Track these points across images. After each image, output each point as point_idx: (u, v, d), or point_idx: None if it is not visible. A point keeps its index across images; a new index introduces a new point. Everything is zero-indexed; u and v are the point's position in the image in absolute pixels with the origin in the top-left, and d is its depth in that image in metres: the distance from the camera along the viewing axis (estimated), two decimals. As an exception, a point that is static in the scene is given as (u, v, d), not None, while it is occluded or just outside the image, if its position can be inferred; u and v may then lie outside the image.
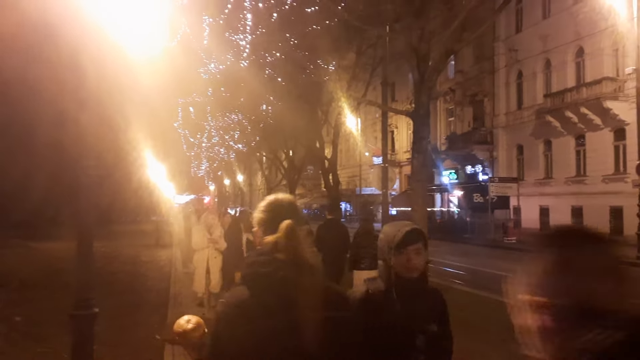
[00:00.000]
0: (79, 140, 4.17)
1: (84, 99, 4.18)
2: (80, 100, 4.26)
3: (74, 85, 4.86)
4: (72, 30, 4.99)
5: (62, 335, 7.26)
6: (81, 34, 4.71)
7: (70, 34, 5.23)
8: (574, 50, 28.11)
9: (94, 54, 4.49)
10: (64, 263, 14.84)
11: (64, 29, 6.59)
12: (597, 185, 26.30)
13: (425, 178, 11.67)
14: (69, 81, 7.49)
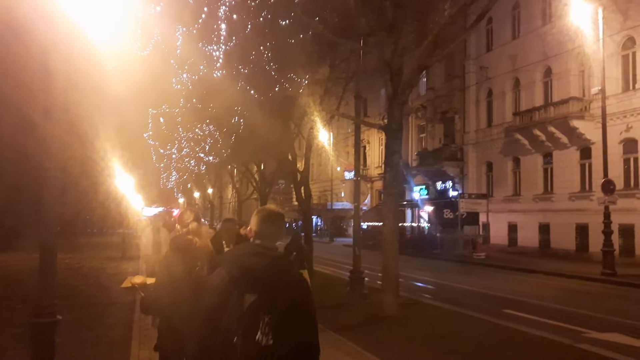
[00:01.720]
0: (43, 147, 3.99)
1: (51, 105, 4.00)
2: (47, 106, 4.08)
3: (41, 90, 4.69)
4: (42, 30, 4.82)
5: (20, 349, 6.96)
6: (51, 35, 4.55)
7: (40, 34, 5.06)
8: (542, 70, 28.79)
9: (63, 57, 4.33)
10: (24, 275, 14.37)
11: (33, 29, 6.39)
12: (563, 202, 26.80)
13: (396, 192, 11.65)
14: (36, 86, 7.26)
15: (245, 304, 2.53)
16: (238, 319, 2.52)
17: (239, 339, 2.51)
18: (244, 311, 2.52)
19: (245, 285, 2.55)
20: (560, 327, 10.07)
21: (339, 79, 19.41)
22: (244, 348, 2.50)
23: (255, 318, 2.51)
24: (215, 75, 16.35)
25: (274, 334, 2.51)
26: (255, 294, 2.55)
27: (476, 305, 12.48)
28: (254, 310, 2.52)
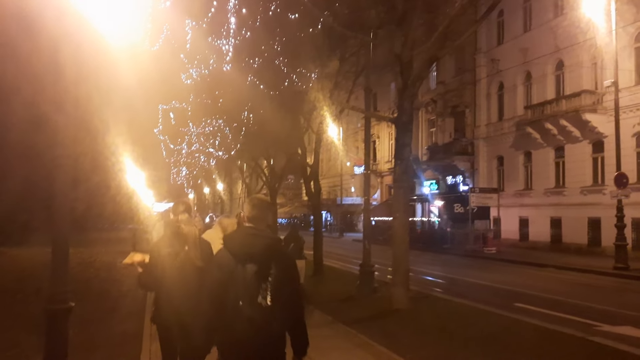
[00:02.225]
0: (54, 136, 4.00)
1: (62, 99, 4.01)
2: (58, 101, 4.09)
3: (51, 84, 4.70)
4: (52, 25, 4.84)
5: (34, 340, 7.02)
6: (61, 30, 4.56)
7: (50, 28, 5.07)
8: (553, 63, 28.52)
9: (73, 52, 4.33)
10: (37, 269, 14.49)
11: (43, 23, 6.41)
12: (575, 196, 26.59)
13: (407, 185, 11.60)
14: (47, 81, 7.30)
15: (248, 274, 3.18)
16: (243, 286, 3.17)
17: (244, 302, 3.15)
18: (248, 279, 3.18)
19: (245, 260, 3.21)
20: (572, 320, 10.01)
21: (348, 73, 19.36)
22: (248, 309, 3.14)
23: (256, 285, 3.17)
24: (225, 69, 16.35)
25: (271, 296, 3.16)
26: (255, 265, 3.20)
27: (487, 299, 12.44)
28: (255, 278, 3.18)
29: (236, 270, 3.20)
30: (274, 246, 3.34)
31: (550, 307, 11.30)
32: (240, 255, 3.23)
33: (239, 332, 3.14)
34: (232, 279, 3.19)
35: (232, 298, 3.17)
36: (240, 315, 3.14)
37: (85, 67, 4.62)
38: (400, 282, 10.63)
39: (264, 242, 3.29)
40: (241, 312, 3.14)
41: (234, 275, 3.19)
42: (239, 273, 3.19)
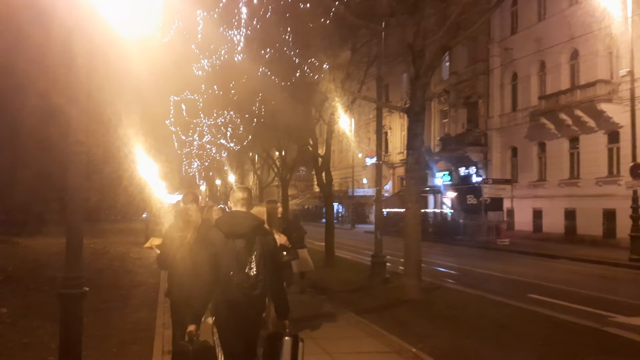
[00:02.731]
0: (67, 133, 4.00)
1: (75, 92, 4.02)
2: (71, 93, 4.09)
3: (63, 76, 4.70)
4: (63, 16, 4.84)
5: (49, 327, 7.12)
6: (73, 21, 4.56)
7: (61, 19, 5.08)
8: (568, 53, 28.16)
9: (85, 43, 4.33)
10: (52, 258, 14.66)
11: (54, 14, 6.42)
12: (590, 187, 26.31)
13: (419, 175, 11.54)
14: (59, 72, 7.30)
15: (237, 249, 3.90)
16: (234, 259, 3.88)
17: (234, 272, 3.87)
18: (237, 253, 3.89)
19: (234, 237, 3.91)
20: (586, 311, 9.92)
21: (360, 63, 19.26)
22: (238, 277, 3.87)
23: (244, 258, 3.91)
24: (236, 60, 16.33)
25: (256, 267, 3.91)
26: (243, 241, 3.91)
27: (500, 290, 12.37)
28: (244, 252, 3.91)
29: (227, 246, 3.89)
30: (258, 226, 4.09)
31: (563, 298, 11.21)
32: (231, 233, 3.92)
33: (230, 295, 3.87)
34: (224, 252, 3.88)
35: (224, 268, 3.87)
36: (232, 282, 3.87)
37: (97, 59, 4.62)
38: (412, 273, 10.61)
39: (250, 223, 4.02)
40: (232, 279, 3.87)
41: (225, 250, 3.88)
42: (230, 248, 3.89)
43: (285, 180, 27.18)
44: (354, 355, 6.71)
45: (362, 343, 7.25)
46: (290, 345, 4.01)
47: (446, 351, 6.82)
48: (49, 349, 6.25)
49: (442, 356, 6.56)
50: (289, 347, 3.99)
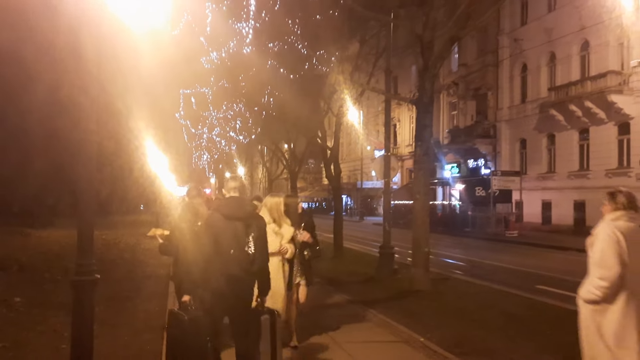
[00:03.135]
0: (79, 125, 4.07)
1: (85, 83, 4.08)
2: (81, 84, 4.16)
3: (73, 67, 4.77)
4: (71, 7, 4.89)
5: (62, 316, 7.24)
6: (80, 12, 4.61)
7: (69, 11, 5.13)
8: (579, 44, 27.95)
9: (93, 34, 4.39)
10: (64, 249, 14.84)
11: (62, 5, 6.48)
12: (600, 179, 26.17)
13: (427, 167, 11.55)
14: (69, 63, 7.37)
15: (238, 230, 4.45)
16: (234, 239, 4.43)
17: (235, 250, 4.42)
18: (238, 234, 4.44)
19: (234, 219, 4.47)
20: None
21: (369, 55, 19.25)
22: (238, 255, 4.42)
23: (243, 238, 4.44)
24: (245, 52, 16.37)
25: (253, 246, 4.47)
26: (242, 224, 4.46)
27: (508, 281, 12.40)
28: (242, 233, 4.45)
29: (227, 227, 4.42)
30: (253, 211, 4.79)
31: (572, 289, 11.10)
32: (231, 216, 4.49)
33: (231, 270, 4.40)
34: (225, 233, 4.42)
35: (225, 246, 4.39)
36: (232, 259, 4.40)
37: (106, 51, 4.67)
38: (420, 264, 10.65)
39: (247, 208, 4.69)
40: (232, 256, 4.40)
41: (226, 230, 4.42)
42: (230, 229, 4.43)
43: (294, 172, 27.25)
44: (363, 344, 6.78)
45: (371, 333, 7.33)
46: (269, 322, 4.60)
47: (454, 341, 6.87)
48: (62, 337, 6.36)
49: (451, 346, 6.61)
50: (267, 325, 4.58)
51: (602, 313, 3.85)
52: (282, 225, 6.08)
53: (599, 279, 3.82)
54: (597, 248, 3.93)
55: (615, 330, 3.79)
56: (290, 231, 6.13)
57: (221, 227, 4.41)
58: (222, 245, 4.38)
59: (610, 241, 3.82)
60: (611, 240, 3.82)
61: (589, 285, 3.92)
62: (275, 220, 6.02)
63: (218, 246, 4.38)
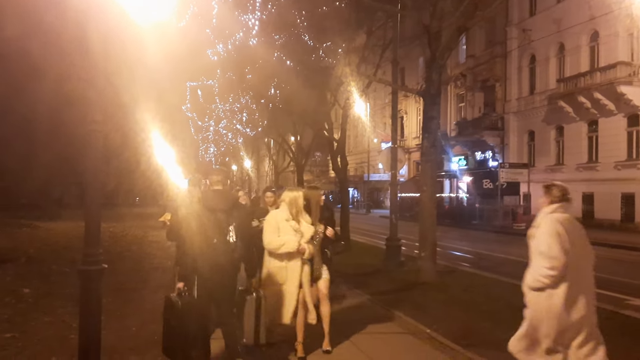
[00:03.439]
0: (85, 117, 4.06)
1: (92, 75, 4.07)
2: (88, 77, 4.15)
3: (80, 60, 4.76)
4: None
5: (70, 307, 7.28)
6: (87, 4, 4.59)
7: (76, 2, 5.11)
8: (588, 34, 27.69)
9: (99, 27, 4.37)
10: (72, 241, 14.93)
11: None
12: (609, 171, 26.01)
13: (434, 159, 11.49)
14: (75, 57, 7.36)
15: (220, 220, 4.79)
16: (217, 228, 4.78)
17: (218, 239, 4.78)
18: (220, 224, 4.79)
19: (216, 210, 4.82)
20: (602, 294, 9.81)
21: (375, 47, 19.14)
22: (221, 244, 4.80)
23: (225, 227, 4.82)
24: (251, 44, 16.32)
25: (234, 235, 4.86)
26: (224, 214, 4.83)
27: (516, 273, 12.24)
28: (224, 222, 4.82)
29: (210, 218, 4.78)
30: (235, 201, 5.14)
31: (580, 282, 11.15)
32: (213, 208, 4.83)
33: (215, 257, 4.74)
34: (209, 223, 4.75)
35: (209, 236, 4.73)
36: (216, 247, 4.76)
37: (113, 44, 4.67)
38: (427, 256, 10.61)
39: (229, 199, 5.03)
40: (215, 246, 4.76)
41: (210, 221, 4.76)
42: (212, 220, 4.78)
43: (300, 165, 27.22)
44: (370, 336, 6.77)
45: (377, 324, 7.31)
46: (254, 302, 5.06)
47: (461, 333, 6.84)
48: (70, 327, 6.40)
49: (457, 338, 6.58)
50: (253, 303, 5.06)
51: (548, 298, 4.20)
52: (302, 222, 5.70)
53: (549, 269, 4.13)
54: (541, 240, 4.23)
55: (559, 313, 4.16)
56: (310, 230, 5.70)
57: (205, 218, 4.77)
58: (207, 236, 4.74)
59: (553, 233, 4.16)
60: (554, 231, 4.16)
61: (536, 274, 4.23)
62: (294, 217, 5.66)
63: (203, 236, 4.72)
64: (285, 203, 5.69)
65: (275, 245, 5.51)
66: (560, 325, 4.19)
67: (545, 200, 4.48)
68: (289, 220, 5.58)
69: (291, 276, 5.55)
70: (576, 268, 4.20)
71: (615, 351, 6.16)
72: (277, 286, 5.52)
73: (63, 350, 5.67)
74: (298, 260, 5.58)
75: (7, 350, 5.76)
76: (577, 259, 4.20)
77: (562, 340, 4.23)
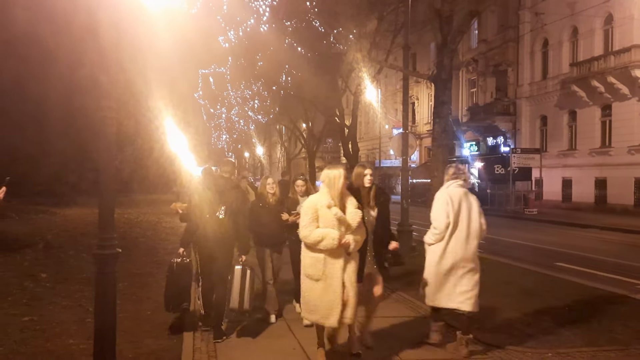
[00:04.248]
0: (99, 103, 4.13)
1: (104, 60, 4.14)
2: (101, 63, 4.21)
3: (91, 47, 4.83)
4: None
5: (87, 291, 7.45)
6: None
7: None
8: (602, 17, 27.30)
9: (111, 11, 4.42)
10: (88, 227, 15.14)
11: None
12: (622, 156, 25.79)
13: (446, 143, 11.51)
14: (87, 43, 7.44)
15: (214, 199, 5.71)
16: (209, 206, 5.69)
17: (209, 215, 5.69)
18: (213, 202, 5.69)
19: (214, 190, 5.78)
20: (614, 279, 9.89)
21: (387, 32, 19.08)
22: (211, 218, 5.67)
23: (217, 205, 5.71)
24: (262, 30, 16.35)
25: (225, 212, 5.72)
26: (219, 195, 5.73)
27: (527, 258, 12.37)
28: (217, 201, 5.72)
29: (205, 198, 5.70)
30: (234, 186, 6.14)
31: (592, 267, 11.17)
32: (211, 187, 5.83)
33: (208, 231, 5.66)
34: (204, 202, 5.69)
35: (206, 212, 5.70)
36: (208, 223, 5.65)
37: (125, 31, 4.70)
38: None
39: (229, 183, 6.00)
40: (208, 221, 5.66)
41: (204, 200, 5.70)
42: (207, 199, 5.69)
43: (312, 151, 27.29)
44: (381, 320, 6.82)
45: (389, 308, 7.38)
46: (240, 273, 5.67)
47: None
48: (87, 311, 6.54)
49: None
50: (239, 275, 5.68)
51: (431, 252, 5.53)
52: (347, 209, 4.64)
53: (433, 228, 5.43)
54: (433, 207, 5.50)
55: (441, 262, 5.44)
56: (356, 216, 4.63)
57: (202, 198, 5.75)
58: (202, 212, 5.71)
59: (442, 202, 5.40)
60: (443, 200, 5.40)
61: (429, 233, 5.51)
62: (337, 203, 4.59)
63: (200, 212, 5.73)
64: (324, 185, 4.66)
65: (312, 239, 4.53)
66: (434, 275, 5.47)
67: (446, 178, 5.63)
68: (330, 207, 4.54)
69: (330, 272, 4.60)
70: (458, 232, 5.43)
71: (627, 334, 6.22)
72: (313, 282, 4.66)
73: (80, 333, 5.81)
74: (340, 254, 4.60)
75: (26, 333, 5.92)
76: (460, 226, 5.43)
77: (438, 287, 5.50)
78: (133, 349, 5.40)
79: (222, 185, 5.86)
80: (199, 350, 5.39)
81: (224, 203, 5.71)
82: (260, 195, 6.76)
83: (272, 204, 6.62)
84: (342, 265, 4.62)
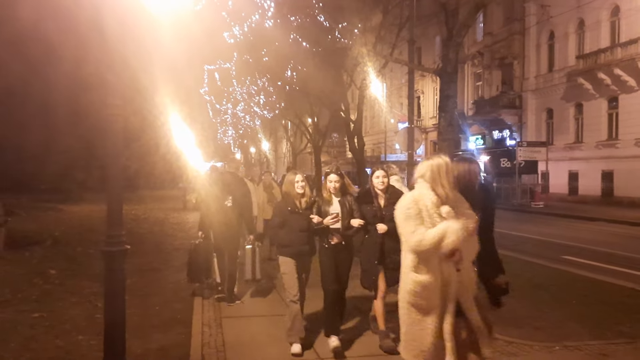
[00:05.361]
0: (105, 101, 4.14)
1: (109, 57, 4.14)
2: (106, 60, 4.22)
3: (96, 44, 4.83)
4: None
5: (95, 287, 7.50)
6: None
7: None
8: (608, 9, 27.10)
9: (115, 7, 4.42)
10: (95, 223, 15.24)
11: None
12: (629, 149, 25.65)
13: (451, 137, 11.50)
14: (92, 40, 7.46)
15: (221, 191, 7.05)
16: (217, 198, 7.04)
17: (219, 204, 6.99)
18: (220, 194, 7.01)
19: (221, 185, 7.15)
20: (622, 272, 9.85)
21: (392, 26, 19.03)
22: (220, 207, 6.97)
23: (225, 195, 7.04)
24: (267, 25, 16.33)
25: (232, 201, 7.04)
26: (226, 187, 7.10)
27: (534, 251, 12.34)
28: (225, 193, 7.05)
29: (214, 190, 7.11)
30: (240, 180, 7.62)
31: (599, 260, 11.14)
32: (217, 182, 7.24)
33: (219, 218, 6.98)
34: (219, 193, 7.03)
35: (220, 201, 7.00)
36: (216, 210, 6.97)
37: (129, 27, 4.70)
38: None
39: (235, 178, 7.43)
40: (216, 208, 6.95)
41: (213, 192, 7.07)
42: (215, 191, 7.07)
43: (317, 146, 27.30)
44: (388, 314, 6.86)
45: (396, 301, 7.40)
46: (250, 251, 7.29)
47: (479, 309, 6.89)
48: (95, 307, 6.60)
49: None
50: (250, 253, 7.30)
51: None
52: (458, 208, 3.43)
53: None
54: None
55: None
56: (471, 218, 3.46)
57: (212, 189, 7.11)
58: (219, 201, 7.00)
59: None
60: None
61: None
62: (443, 201, 3.40)
63: (216, 201, 7.00)
64: (425, 180, 3.46)
65: (429, 241, 3.26)
66: None
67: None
68: (439, 206, 3.38)
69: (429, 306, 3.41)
70: None
71: (635, 327, 6.21)
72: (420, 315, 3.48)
73: (89, 329, 5.86)
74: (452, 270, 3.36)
75: (36, 329, 5.97)
76: None
77: None
78: (142, 345, 5.43)
79: (229, 179, 7.26)
80: (207, 345, 5.43)
81: (231, 194, 7.04)
82: (287, 195, 5.48)
83: (303, 207, 5.39)
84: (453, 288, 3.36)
